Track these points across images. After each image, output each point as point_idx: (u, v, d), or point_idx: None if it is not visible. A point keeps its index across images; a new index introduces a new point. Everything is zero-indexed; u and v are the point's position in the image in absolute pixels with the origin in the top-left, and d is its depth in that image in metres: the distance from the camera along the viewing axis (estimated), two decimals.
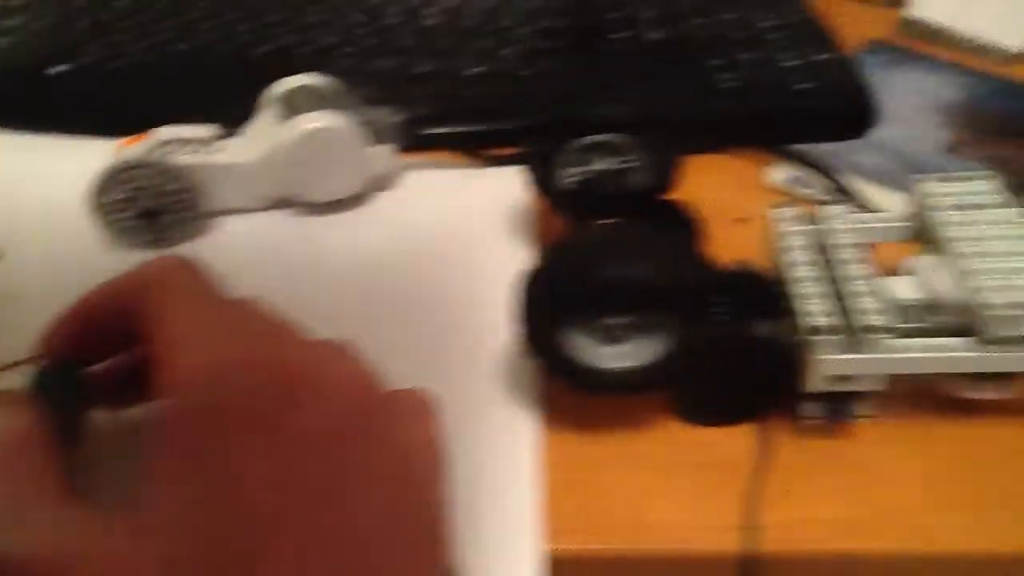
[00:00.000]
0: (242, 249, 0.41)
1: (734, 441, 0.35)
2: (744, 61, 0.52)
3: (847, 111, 0.51)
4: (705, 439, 0.35)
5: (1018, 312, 0.31)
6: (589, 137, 0.36)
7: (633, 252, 0.29)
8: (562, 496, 0.33)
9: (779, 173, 0.48)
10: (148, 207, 0.39)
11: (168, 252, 0.41)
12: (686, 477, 0.34)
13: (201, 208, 0.41)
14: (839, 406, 0.34)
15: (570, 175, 0.37)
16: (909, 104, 0.55)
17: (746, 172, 0.49)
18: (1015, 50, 0.60)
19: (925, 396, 0.36)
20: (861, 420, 0.35)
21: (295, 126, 0.40)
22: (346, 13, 0.53)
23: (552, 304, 0.30)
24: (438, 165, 0.46)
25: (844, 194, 0.47)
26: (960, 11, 0.62)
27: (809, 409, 0.34)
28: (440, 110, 0.48)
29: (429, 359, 0.36)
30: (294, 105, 0.41)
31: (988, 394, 0.35)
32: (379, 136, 0.43)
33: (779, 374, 0.34)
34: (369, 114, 0.42)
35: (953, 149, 0.52)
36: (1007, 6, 0.63)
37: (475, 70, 0.50)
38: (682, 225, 0.36)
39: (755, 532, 0.32)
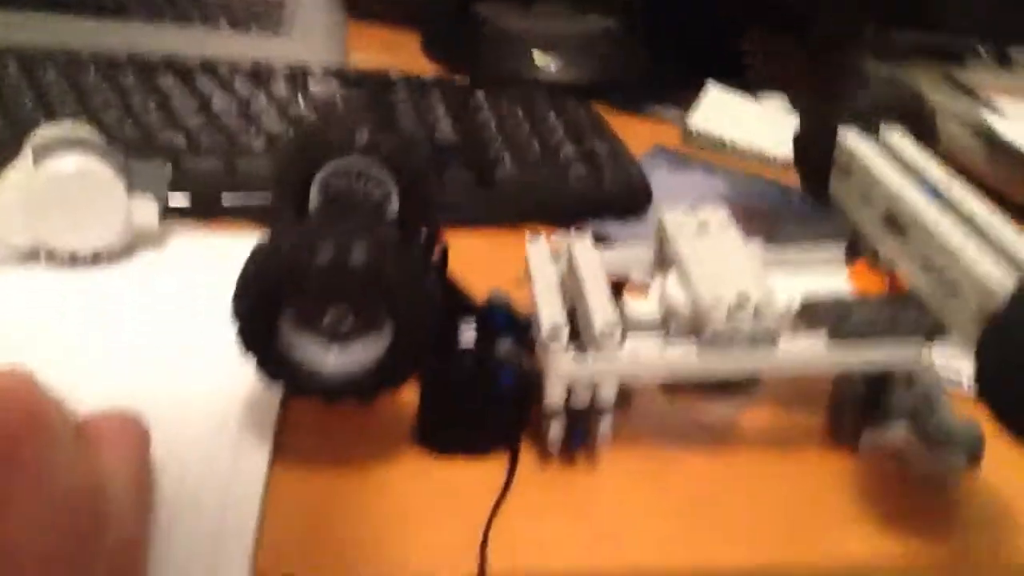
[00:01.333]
0: None
1: (476, 468, 0.35)
2: (530, 149, 0.55)
3: (624, 195, 0.54)
4: (449, 467, 0.34)
5: (730, 309, 0.32)
6: (334, 162, 0.36)
7: (346, 235, 0.29)
8: (287, 525, 0.31)
9: None
10: None
11: None
12: (424, 504, 0.33)
13: None
14: (580, 427, 0.34)
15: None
16: (686, 196, 0.58)
17: None
18: (784, 159, 0.65)
19: (671, 425, 0.37)
20: (603, 443, 0.35)
21: (46, 167, 0.39)
22: (140, 99, 0.53)
23: (261, 288, 0.29)
24: (220, 233, 0.46)
25: None
26: (735, 126, 0.67)
27: (552, 431, 0.34)
28: (223, 181, 0.48)
29: (170, 404, 0.35)
30: (46, 151, 0.40)
31: (718, 413, 0.36)
32: (142, 186, 0.42)
33: (519, 395, 0.34)
34: (131, 164, 0.42)
35: None
36: (777, 125, 0.69)
37: (258, 145, 0.51)
38: (424, 241, 0.36)
39: (485, 554, 0.31)
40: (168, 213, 0.44)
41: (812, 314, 0.34)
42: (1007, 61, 0.83)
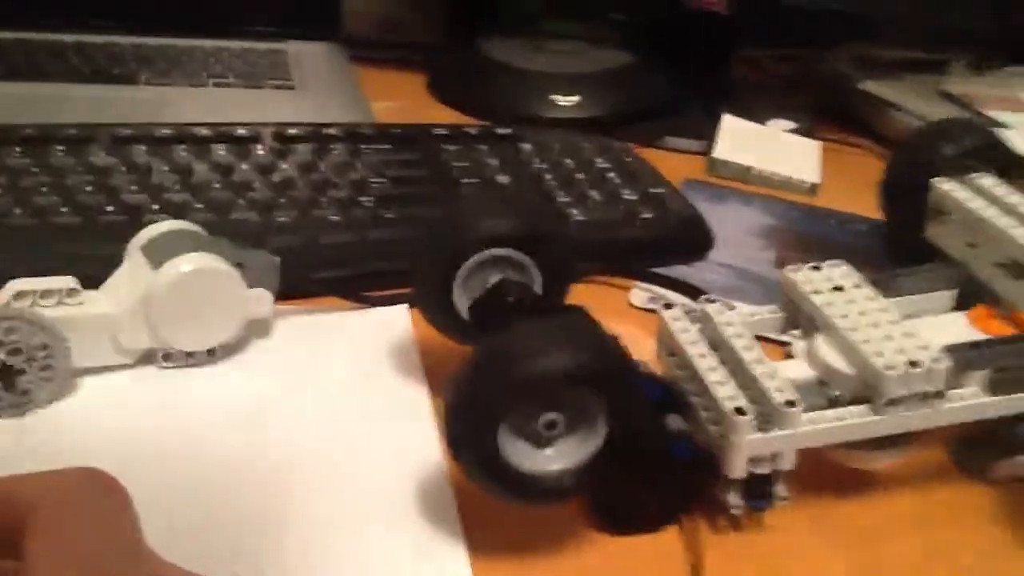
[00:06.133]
0: (112, 409, 0.38)
1: (660, 545, 0.35)
2: (592, 197, 0.55)
3: (688, 235, 0.55)
4: (631, 546, 0.35)
5: (905, 373, 0.34)
6: (482, 253, 0.37)
7: (560, 342, 0.30)
8: None
9: (640, 295, 0.51)
10: (7, 364, 0.36)
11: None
12: None
13: (65, 366, 0.37)
14: (758, 491, 0.35)
15: (468, 293, 0.37)
16: (733, 229, 0.60)
17: (609, 297, 0.51)
18: (810, 183, 0.67)
19: (828, 474, 0.38)
20: (778, 504, 0.35)
21: (169, 270, 0.38)
22: (195, 172, 0.52)
23: (486, 401, 0.29)
24: (314, 310, 0.45)
25: None
26: (756, 154, 0.69)
27: (732, 499, 0.35)
28: (311, 257, 0.47)
29: (330, 511, 0.34)
30: (161, 252, 0.39)
31: (883, 462, 0.37)
32: (256, 280, 0.41)
33: (698, 469, 0.35)
34: (242, 257, 0.41)
35: (781, 265, 0.56)
36: (793, 150, 0.72)
37: (334, 218, 0.50)
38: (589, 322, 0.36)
39: None
40: None
41: (962, 362, 0.36)
42: (981, 68, 0.88)
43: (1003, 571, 0.36)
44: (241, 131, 0.56)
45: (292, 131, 0.57)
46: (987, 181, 0.42)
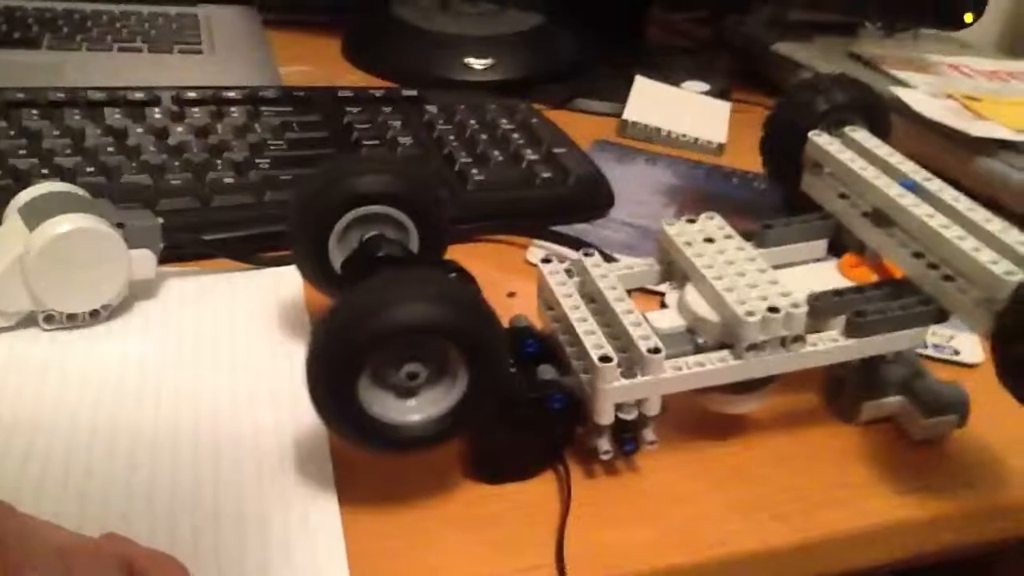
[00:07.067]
0: None
1: (533, 492, 0.36)
2: (493, 157, 0.55)
3: (589, 194, 0.56)
4: (505, 494, 0.36)
5: (764, 319, 0.35)
6: (355, 211, 0.37)
7: (411, 294, 0.30)
8: (368, 569, 0.32)
9: (538, 252, 0.51)
10: None
11: None
12: (489, 529, 0.34)
13: None
14: (626, 437, 0.36)
15: (342, 249, 0.38)
16: (638, 188, 0.61)
17: (508, 255, 0.52)
18: (717, 143, 0.68)
19: (696, 421, 0.39)
20: (646, 448, 0.36)
21: (44, 231, 0.38)
22: (87, 136, 0.51)
23: (341, 354, 0.29)
24: (204, 272, 0.45)
25: None
26: (666, 116, 0.70)
27: (602, 444, 0.36)
28: (202, 219, 0.47)
29: (210, 467, 0.35)
30: (38, 213, 0.39)
31: (746, 407, 0.38)
32: (137, 240, 0.41)
33: (568, 417, 0.36)
34: (123, 217, 0.41)
35: None
36: (704, 111, 0.72)
37: (229, 180, 0.50)
38: (463, 279, 0.37)
39: (561, 567, 0.33)
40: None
41: (823, 309, 0.37)
42: (893, 32, 0.89)
43: (869, 506, 0.37)
44: (138, 95, 0.56)
45: (191, 94, 0.57)
46: (859, 135, 0.44)
